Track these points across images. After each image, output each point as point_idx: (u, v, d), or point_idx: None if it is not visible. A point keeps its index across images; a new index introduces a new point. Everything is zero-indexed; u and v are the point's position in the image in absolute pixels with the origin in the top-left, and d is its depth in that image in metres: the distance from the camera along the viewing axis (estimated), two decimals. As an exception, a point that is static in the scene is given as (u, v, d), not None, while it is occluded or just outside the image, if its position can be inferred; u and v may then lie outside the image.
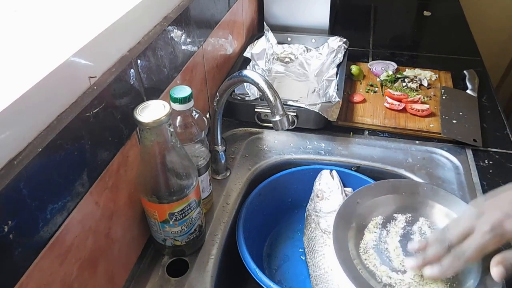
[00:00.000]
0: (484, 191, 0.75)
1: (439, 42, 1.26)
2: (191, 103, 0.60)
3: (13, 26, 0.48)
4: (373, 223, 0.64)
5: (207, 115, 0.87)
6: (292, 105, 0.88)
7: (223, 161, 0.79)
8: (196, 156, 0.65)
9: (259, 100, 0.92)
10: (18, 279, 0.39)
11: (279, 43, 1.15)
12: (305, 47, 1.13)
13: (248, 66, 1.01)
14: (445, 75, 1.07)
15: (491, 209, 0.50)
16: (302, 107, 0.86)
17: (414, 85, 1.01)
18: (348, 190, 0.79)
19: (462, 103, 0.95)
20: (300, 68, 1.10)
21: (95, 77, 0.49)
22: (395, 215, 0.65)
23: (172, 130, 0.52)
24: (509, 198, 0.49)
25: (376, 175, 0.81)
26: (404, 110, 0.94)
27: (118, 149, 0.54)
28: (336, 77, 0.97)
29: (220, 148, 0.77)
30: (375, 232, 0.63)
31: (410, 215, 0.65)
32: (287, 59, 1.13)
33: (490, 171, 0.79)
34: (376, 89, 1.03)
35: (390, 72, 1.06)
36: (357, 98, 0.98)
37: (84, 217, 0.49)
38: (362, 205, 0.65)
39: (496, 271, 0.47)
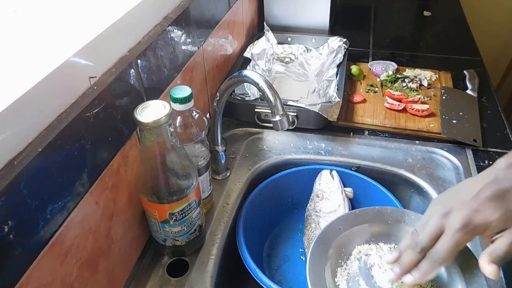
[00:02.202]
0: (484, 191, 0.75)
1: (439, 42, 1.26)
2: (191, 103, 0.60)
3: (13, 26, 0.48)
4: (355, 252, 0.60)
5: (207, 115, 0.87)
6: (292, 105, 0.88)
7: (223, 161, 0.79)
8: (196, 156, 0.65)
9: (259, 100, 0.92)
10: (18, 279, 0.39)
11: (279, 43, 1.15)
12: (305, 47, 1.13)
13: (248, 66, 1.01)
14: (445, 75, 1.07)
15: (457, 205, 0.48)
16: (302, 107, 0.86)
17: (414, 85, 1.01)
18: (348, 190, 0.79)
19: (462, 103, 0.95)
20: (300, 68, 1.10)
21: (95, 77, 0.49)
22: (379, 244, 0.60)
23: (172, 130, 0.52)
24: (472, 190, 0.48)
25: (376, 175, 0.81)
26: (404, 110, 0.94)
27: (118, 149, 0.54)
28: (336, 77, 0.97)
29: (220, 148, 0.77)
30: (357, 261, 0.58)
31: (394, 244, 0.60)
32: (287, 59, 1.13)
33: (490, 171, 0.79)
34: (376, 89, 1.03)
35: (390, 72, 1.06)
36: (357, 98, 0.98)
37: (84, 217, 0.49)
38: (344, 232, 0.60)
39: (491, 270, 0.47)
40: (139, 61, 0.57)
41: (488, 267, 0.46)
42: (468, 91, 1.00)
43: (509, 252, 0.46)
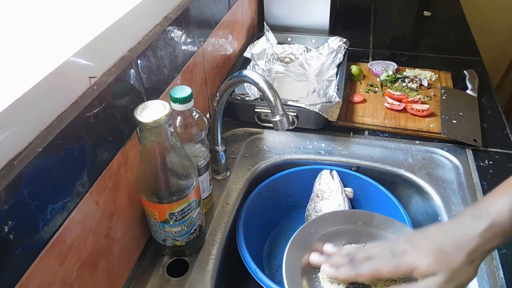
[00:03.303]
0: (484, 191, 0.75)
1: (439, 42, 1.26)
2: (191, 103, 0.60)
3: (13, 26, 0.48)
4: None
5: (207, 115, 0.87)
6: (292, 105, 0.88)
7: (223, 161, 0.79)
8: (196, 156, 0.65)
9: (259, 100, 0.92)
10: (18, 279, 0.39)
11: (279, 43, 1.15)
12: (305, 47, 1.13)
13: (248, 66, 1.01)
14: (445, 75, 1.07)
15: (403, 240, 0.51)
16: (302, 107, 0.86)
17: (414, 85, 1.01)
18: (348, 190, 0.79)
19: (462, 103, 0.95)
20: (300, 68, 1.10)
21: (95, 77, 0.49)
22: (350, 245, 0.61)
23: (172, 130, 0.52)
24: (424, 232, 0.51)
25: (376, 175, 0.81)
26: (404, 110, 0.94)
27: (118, 149, 0.54)
28: (336, 77, 0.97)
29: (220, 148, 0.77)
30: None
31: (364, 244, 0.60)
32: (287, 59, 1.13)
33: (490, 171, 0.79)
34: (376, 89, 1.03)
35: (390, 72, 1.06)
36: (357, 98, 0.98)
37: (84, 217, 0.49)
38: (316, 235, 0.61)
39: None
40: (139, 61, 0.57)
41: None
42: (468, 91, 1.00)
43: None
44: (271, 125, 0.67)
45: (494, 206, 0.47)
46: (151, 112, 0.50)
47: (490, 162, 0.81)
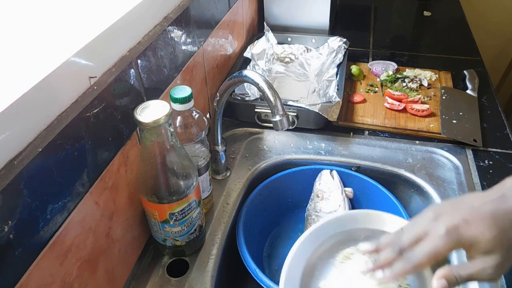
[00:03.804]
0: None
1: (439, 42, 1.26)
2: (191, 103, 0.60)
3: (13, 26, 0.48)
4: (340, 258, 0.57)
5: (207, 115, 0.87)
6: (292, 105, 0.88)
7: (223, 161, 0.79)
8: (196, 156, 0.65)
9: (259, 100, 0.92)
10: (18, 279, 0.39)
11: (279, 43, 1.15)
12: (305, 47, 1.13)
13: (248, 66, 1.01)
14: (445, 75, 1.07)
15: (449, 212, 0.46)
16: (302, 107, 0.86)
17: (414, 85, 1.01)
18: (348, 190, 0.79)
19: (462, 103, 0.95)
20: (300, 68, 1.10)
21: (95, 77, 0.49)
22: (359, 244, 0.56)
23: (172, 130, 0.52)
24: (470, 203, 0.45)
25: (376, 175, 0.81)
26: (404, 110, 0.94)
27: (118, 149, 0.55)
28: (336, 77, 0.97)
29: (220, 148, 0.77)
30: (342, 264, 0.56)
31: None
32: (287, 59, 1.13)
33: (490, 171, 0.79)
34: (376, 89, 1.03)
35: (390, 72, 1.06)
36: (357, 98, 0.98)
37: (84, 217, 0.49)
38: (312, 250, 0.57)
39: (437, 284, 0.44)
40: (139, 61, 0.57)
41: (435, 282, 0.44)
42: (468, 91, 1.00)
43: (473, 277, 0.44)
44: (271, 125, 0.67)
45: None
46: (151, 112, 0.50)
47: (490, 162, 0.81)
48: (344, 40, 1.09)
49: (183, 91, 0.59)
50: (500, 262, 0.42)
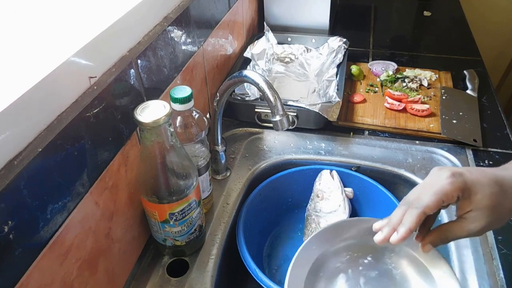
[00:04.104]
0: (484, 191, 0.75)
1: (439, 42, 1.26)
2: (191, 103, 0.60)
3: (13, 26, 0.48)
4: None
5: (207, 115, 0.87)
6: (292, 105, 0.88)
7: (223, 161, 0.79)
8: (196, 156, 0.65)
9: (259, 100, 0.92)
10: (19, 279, 0.39)
11: (279, 43, 1.15)
12: (305, 47, 1.13)
13: (248, 66, 1.01)
14: (445, 75, 1.07)
15: (453, 167, 0.48)
16: (302, 107, 0.86)
17: (414, 85, 1.01)
18: (348, 190, 0.79)
19: (462, 103, 0.95)
20: (300, 68, 1.10)
21: (95, 77, 0.49)
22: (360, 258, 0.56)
23: (172, 130, 0.52)
24: (477, 168, 0.49)
25: (376, 175, 0.81)
26: (404, 110, 0.94)
27: (118, 149, 0.55)
28: (336, 77, 0.97)
29: (220, 148, 0.77)
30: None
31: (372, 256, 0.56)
32: (287, 59, 1.13)
33: (490, 171, 0.79)
34: (376, 89, 1.03)
35: (390, 72, 1.06)
36: (357, 98, 0.98)
37: (84, 217, 0.49)
38: (318, 253, 0.56)
39: (427, 248, 0.48)
40: (139, 61, 0.57)
41: (427, 247, 0.48)
42: (468, 91, 1.00)
43: (458, 238, 0.46)
44: (271, 125, 0.67)
45: None
46: (151, 112, 0.50)
47: (490, 162, 0.81)
48: (344, 40, 1.09)
49: (183, 91, 0.59)
50: (487, 225, 0.44)
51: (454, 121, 0.89)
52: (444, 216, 0.72)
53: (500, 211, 0.45)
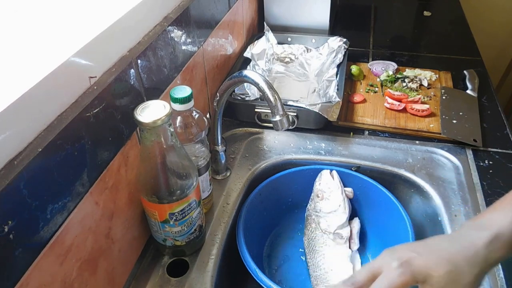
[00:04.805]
0: (484, 191, 0.75)
1: (439, 42, 1.26)
2: (191, 103, 0.60)
3: (13, 26, 0.48)
4: None
5: (207, 115, 0.87)
6: (292, 105, 0.88)
7: (223, 161, 0.79)
8: (196, 156, 0.65)
9: (259, 100, 0.92)
10: (18, 279, 0.39)
11: (279, 43, 1.15)
12: (305, 47, 1.13)
13: (248, 66, 1.01)
14: (445, 75, 1.07)
15: (403, 248, 0.45)
16: (302, 107, 0.86)
17: (414, 85, 1.01)
18: (348, 190, 0.79)
19: (462, 103, 0.95)
20: (300, 68, 1.10)
21: (95, 77, 0.49)
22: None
23: (172, 130, 0.52)
24: (424, 242, 0.46)
25: (376, 175, 0.81)
26: (404, 110, 0.94)
27: (118, 149, 0.55)
28: (336, 77, 0.97)
29: (220, 148, 0.77)
30: None
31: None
32: (287, 59, 1.13)
33: (490, 171, 0.79)
34: (376, 89, 1.03)
35: (390, 72, 1.06)
36: (357, 98, 0.98)
37: (84, 217, 0.49)
38: None
39: None
40: (139, 61, 0.57)
41: None
42: (468, 91, 1.00)
43: None
44: (271, 125, 0.67)
45: (497, 217, 0.45)
46: (151, 112, 0.50)
47: (490, 162, 0.81)
48: (344, 40, 1.09)
49: (183, 91, 0.59)
50: None
51: (454, 121, 0.89)
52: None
53: (462, 283, 0.42)
